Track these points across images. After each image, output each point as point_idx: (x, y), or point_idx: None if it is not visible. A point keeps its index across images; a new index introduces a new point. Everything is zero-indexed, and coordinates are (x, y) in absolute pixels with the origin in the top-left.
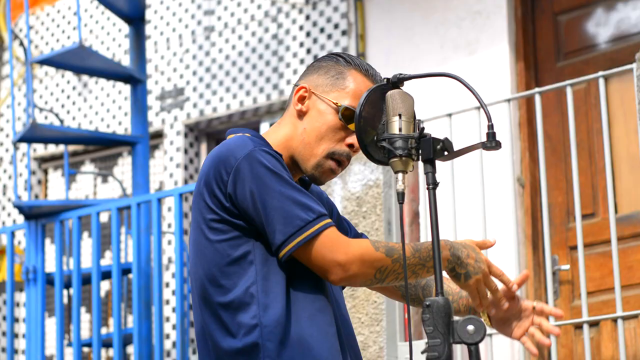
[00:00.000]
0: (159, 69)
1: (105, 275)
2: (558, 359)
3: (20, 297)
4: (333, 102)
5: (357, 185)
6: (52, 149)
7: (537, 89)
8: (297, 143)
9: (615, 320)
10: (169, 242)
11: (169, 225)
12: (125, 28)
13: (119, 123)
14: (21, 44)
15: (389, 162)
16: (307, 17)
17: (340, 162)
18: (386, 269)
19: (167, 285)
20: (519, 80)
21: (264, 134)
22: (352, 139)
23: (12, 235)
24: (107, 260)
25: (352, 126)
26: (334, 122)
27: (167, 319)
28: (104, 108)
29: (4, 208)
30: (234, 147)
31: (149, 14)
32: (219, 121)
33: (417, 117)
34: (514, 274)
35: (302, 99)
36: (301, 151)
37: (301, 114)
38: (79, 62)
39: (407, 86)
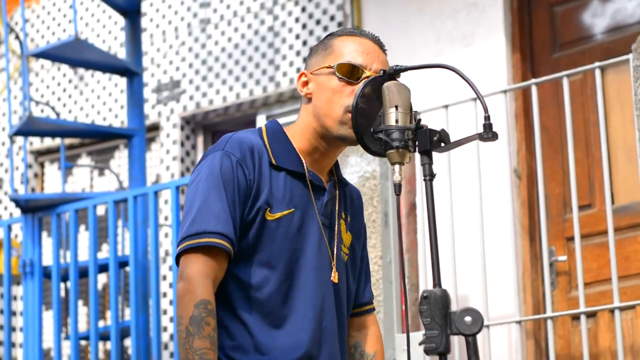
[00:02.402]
0: (155, 61)
1: (103, 268)
2: (555, 350)
3: (18, 290)
4: (327, 67)
5: (353, 177)
6: (49, 142)
7: (533, 80)
8: (317, 122)
9: (612, 311)
10: (166, 235)
11: (166, 218)
12: (121, 21)
13: (115, 116)
14: (17, 37)
15: (385, 153)
16: (303, 9)
17: None
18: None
19: (165, 278)
20: (515, 71)
21: (286, 128)
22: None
23: (9, 228)
24: (104, 253)
25: (352, 76)
26: (336, 84)
27: (165, 312)
28: (100, 101)
29: (0, 202)
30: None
31: (144, 7)
32: (215, 113)
33: (414, 109)
34: (512, 265)
35: (305, 84)
36: (324, 124)
37: (309, 97)
38: (75, 55)
39: (404, 78)
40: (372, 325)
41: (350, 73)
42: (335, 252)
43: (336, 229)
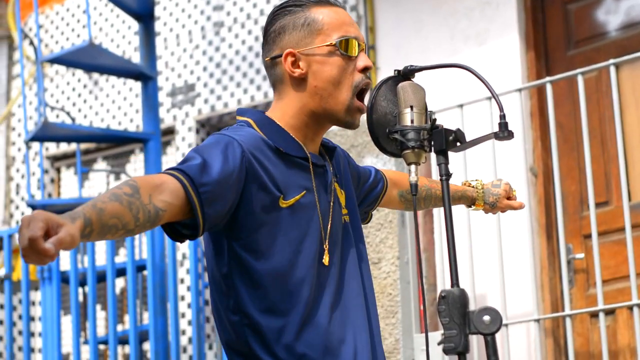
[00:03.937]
0: (169, 65)
1: (120, 272)
2: (574, 348)
3: (36, 295)
4: (326, 45)
5: None
6: (64, 147)
7: (548, 78)
8: (315, 103)
9: (630, 308)
10: None
11: None
12: (135, 25)
13: (131, 120)
14: (31, 43)
15: (401, 154)
16: None
17: (363, 91)
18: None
19: (182, 281)
20: (530, 69)
21: (269, 114)
22: (361, 62)
23: None
24: (122, 257)
25: (353, 51)
26: (340, 61)
27: (183, 315)
28: (115, 105)
29: (17, 207)
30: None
31: (158, 11)
32: (230, 116)
33: (429, 109)
34: (529, 263)
35: (294, 64)
36: (326, 106)
37: (302, 78)
38: (89, 60)
39: (418, 78)
40: (389, 175)
41: (350, 48)
42: (329, 229)
43: (333, 198)
